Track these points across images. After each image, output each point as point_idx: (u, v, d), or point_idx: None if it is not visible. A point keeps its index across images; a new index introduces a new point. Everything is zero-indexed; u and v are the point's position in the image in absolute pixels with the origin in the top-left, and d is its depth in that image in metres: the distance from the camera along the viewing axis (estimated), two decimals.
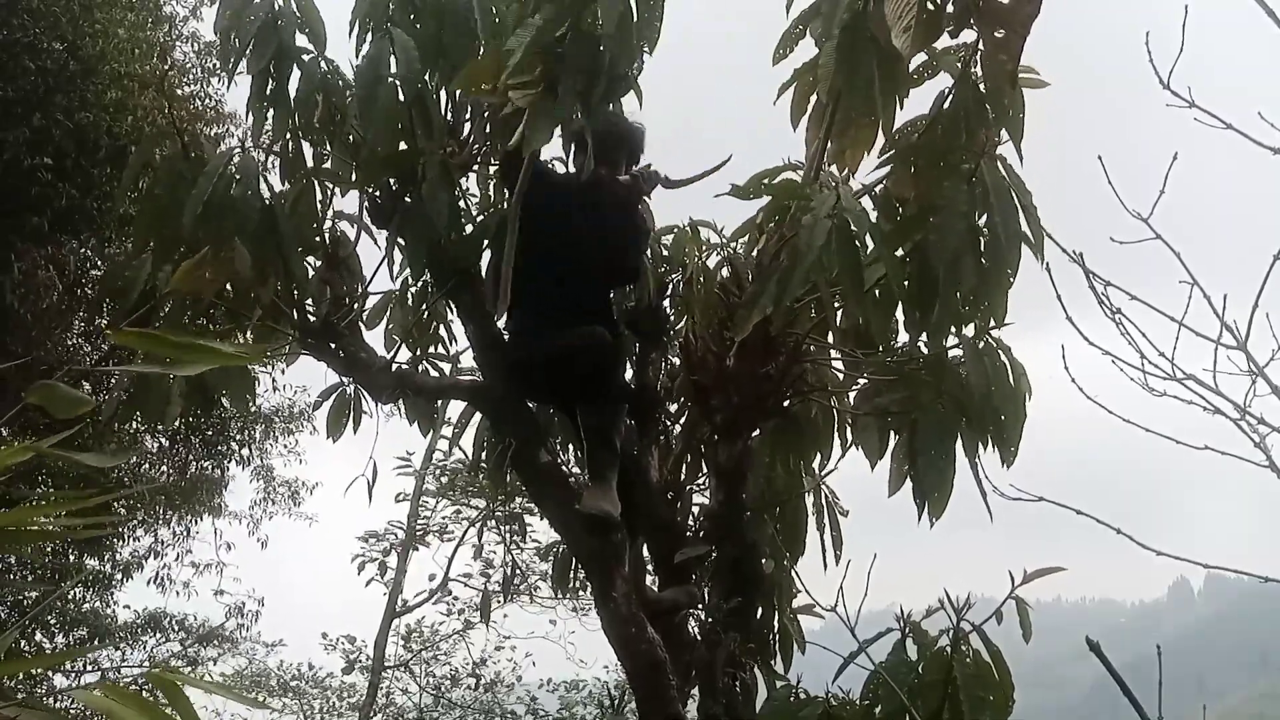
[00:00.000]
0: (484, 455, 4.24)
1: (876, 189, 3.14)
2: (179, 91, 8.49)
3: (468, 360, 4.02)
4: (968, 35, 2.75)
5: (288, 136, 3.40)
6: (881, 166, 3.08)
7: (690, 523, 3.92)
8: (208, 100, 9.04)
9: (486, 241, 3.64)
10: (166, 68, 8.24)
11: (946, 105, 2.91)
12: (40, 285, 7.70)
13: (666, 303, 3.94)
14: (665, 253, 4.04)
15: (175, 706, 1.18)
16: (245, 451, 10.61)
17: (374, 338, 3.88)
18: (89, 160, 7.58)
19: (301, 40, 3.35)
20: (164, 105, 7.38)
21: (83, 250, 8.11)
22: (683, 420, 4.02)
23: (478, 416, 4.20)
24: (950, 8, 2.68)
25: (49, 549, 9.85)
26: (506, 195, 3.46)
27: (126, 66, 7.74)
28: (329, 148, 3.50)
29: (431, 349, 4.12)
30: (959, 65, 2.87)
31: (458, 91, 3.56)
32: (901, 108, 2.95)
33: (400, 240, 3.54)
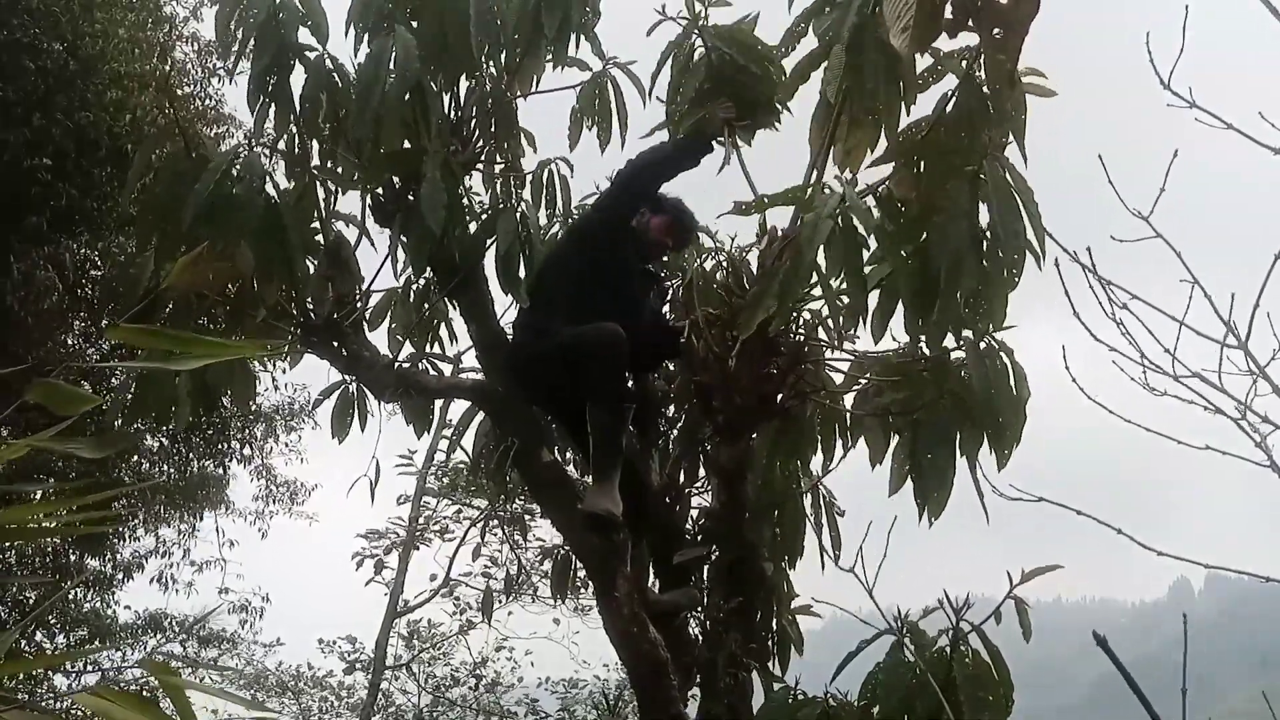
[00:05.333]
0: (485, 455, 4.24)
1: (880, 189, 3.14)
2: (179, 91, 8.48)
3: (470, 360, 4.02)
4: (973, 38, 2.75)
5: (290, 134, 3.40)
6: (884, 164, 3.08)
7: (689, 525, 3.92)
8: (208, 100, 9.03)
9: (490, 240, 3.63)
10: (167, 68, 8.23)
11: (950, 106, 2.91)
12: (40, 286, 7.69)
13: (667, 308, 3.95)
14: (666, 258, 4.04)
15: (171, 697, 1.18)
16: (246, 450, 10.62)
17: (376, 336, 3.88)
18: (89, 160, 7.57)
19: (304, 35, 3.35)
20: (164, 105, 7.38)
21: (83, 250, 8.10)
22: (680, 423, 4.02)
23: (479, 417, 4.20)
24: (948, 8, 2.68)
25: (50, 549, 9.84)
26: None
27: (126, 66, 7.72)
28: (332, 145, 3.50)
29: (433, 348, 4.11)
30: (963, 67, 2.87)
31: (460, 90, 3.57)
32: (908, 113, 2.95)
33: (403, 238, 3.54)
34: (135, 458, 9.53)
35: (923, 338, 3.07)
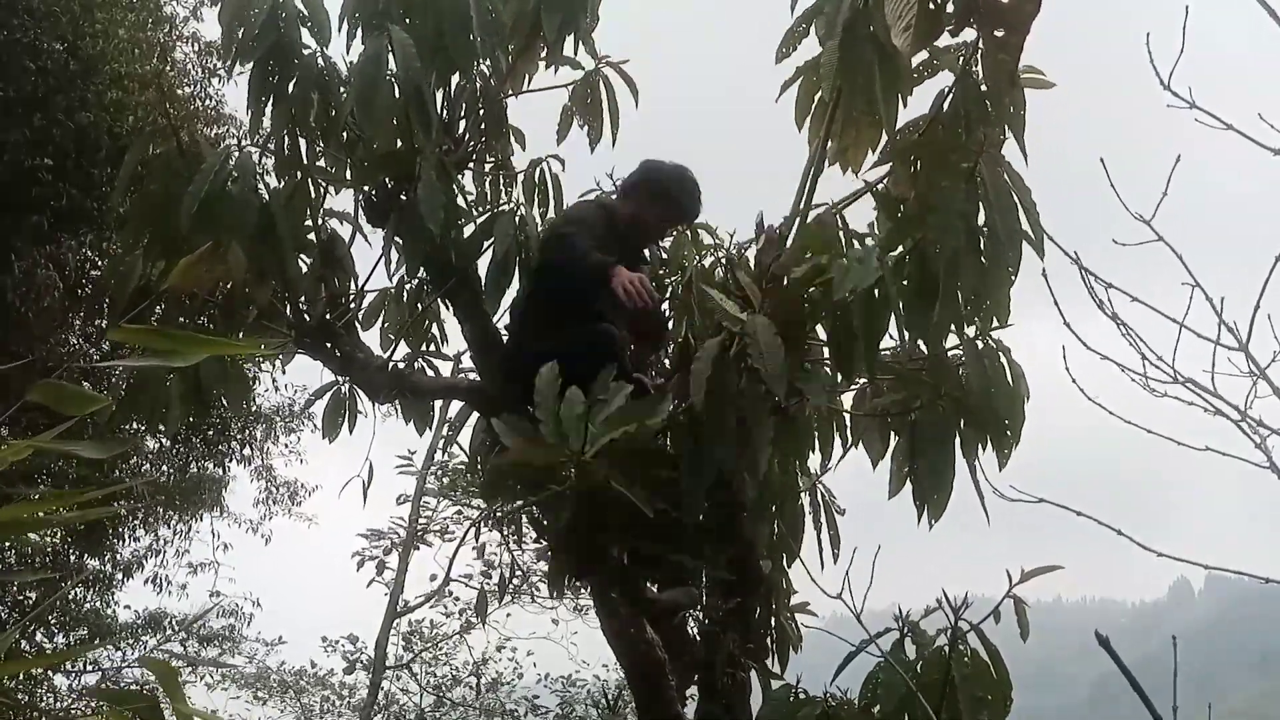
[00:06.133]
0: (481, 455, 4.22)
1: (878, 188, 3.13)
2: (179, 92, 8.49)
3: (469, 360, 4.01)
4: (969, 34, 2.75)
5: (283, 133, 3.39)
6: (882, 165, 3.07)
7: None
8: (208, 101, 9.04)
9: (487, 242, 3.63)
10: (166, 68, 8.23)
11: (946, 104, 2.91)
12: (41, 285, 7.69)
13: (666, 305, 3.94)
14: (664, 255, 4.04)
15: (169, 692, 1.18)
16: (246, 451, 10.62)
17: (370, 337, 3.87)
18: (89, 160, 7.58)
19: (305, 35, 3.34)
20: (164, 105, 7.38)
21: (83, 250, 8.11)
22: None
23: (474, 416, 4.19)
24: (950, 7, 2.68)
25: (50, 549, 9.84)
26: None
27: (126, 66, 7.73)
28: (324, 145, 3.49)
29: (428, 348, 4.10)
30: (959, 64, 2.87)
31: (454, 89, 3.56)
32: (904, 106, 2.94)
33: (397, 239, 3.53)
34: (135, 458, 9.54)
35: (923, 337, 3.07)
